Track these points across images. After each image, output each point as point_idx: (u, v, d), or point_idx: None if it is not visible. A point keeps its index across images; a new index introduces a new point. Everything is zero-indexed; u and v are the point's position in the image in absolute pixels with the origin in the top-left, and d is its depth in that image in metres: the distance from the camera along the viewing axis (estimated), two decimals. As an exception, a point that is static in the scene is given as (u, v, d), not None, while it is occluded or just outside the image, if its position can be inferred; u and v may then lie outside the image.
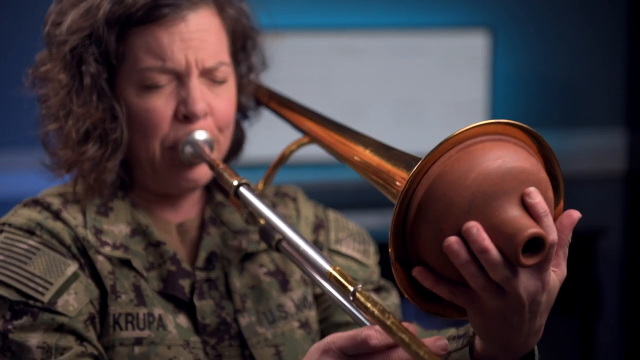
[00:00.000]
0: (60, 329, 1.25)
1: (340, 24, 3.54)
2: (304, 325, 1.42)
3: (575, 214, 1.05)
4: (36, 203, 1.35)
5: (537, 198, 1.00)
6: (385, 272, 1.50)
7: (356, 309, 1.13)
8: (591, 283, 3.49)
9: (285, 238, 1.23)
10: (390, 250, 1.05)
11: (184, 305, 1.35)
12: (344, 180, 3.29)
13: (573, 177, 3.69)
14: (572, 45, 3.76)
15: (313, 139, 1.38)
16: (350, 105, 3.47)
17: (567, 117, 3.78)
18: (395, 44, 3.52)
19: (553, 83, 3.76)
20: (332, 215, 1.52)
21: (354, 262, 1.47)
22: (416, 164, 1.02)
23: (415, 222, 1.02)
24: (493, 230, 0.99)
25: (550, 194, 1.05)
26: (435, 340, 1.06)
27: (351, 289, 1.09)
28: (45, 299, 1.26)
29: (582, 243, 3.44)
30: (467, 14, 3.66)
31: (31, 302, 1.26)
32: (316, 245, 1.47)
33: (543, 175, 1.04)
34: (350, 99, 3.48)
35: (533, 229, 0.97)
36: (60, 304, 1.26)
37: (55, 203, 1.35)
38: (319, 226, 1.49)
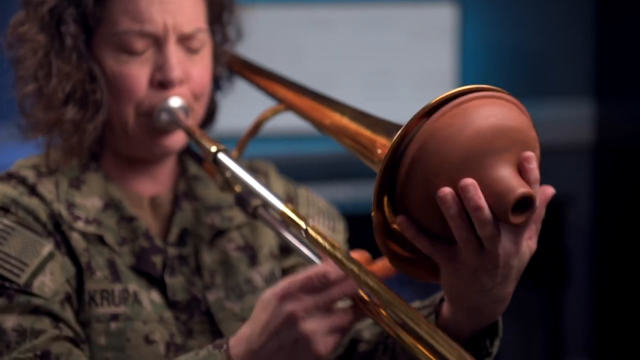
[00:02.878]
0: (36, 311, 1.25)
1: (309, -4, 3.53)
2: None
3: (549, 190, 1.06)
4: (10, 177, 1.33)
5: (533, 164, 1.02)
6: (355, 247, 1.51)
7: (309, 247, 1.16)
8: (559, 252, 3.51)
9: (265, 203, 1.22)
10: (373, 213, 1.05)
11: (156, 282, 1.35)
12: (314, 153, 3.29)
13: (542, 147, 3.69)
14: (541, 15, 3.76)
15: (288, 106, 1.38)
16: (321, 77, 3.46)
17: (536, 87, 3.79)
18: (364, 16, 3.51)
19: (521, 53, 3.77)
20: (303, 192, 1.52)
21: None
22: (397, 131, 1.02)
23: (407, 175, 1.02)
24: (485, 187, 1.00)
25: (537, 152, 1.07)
26: (383, 264, 1.12)
27: (303, 225, 1.15)
28: (21, 280, 1.25)
29: (550, 213, 3.41)
30: (436, -15, 3.65)
31: (7, 283, 1.25)
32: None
33: (532, 133, 1.06)
34: (320, 71, 3.47)
35: (524, 189, 0.99)
36: (36, 285, 1.25)
37: (30, 176, 1.33)
38: (288, 202, 1.49)
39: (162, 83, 1.33)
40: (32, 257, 1.27)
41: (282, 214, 1.20)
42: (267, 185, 1.26)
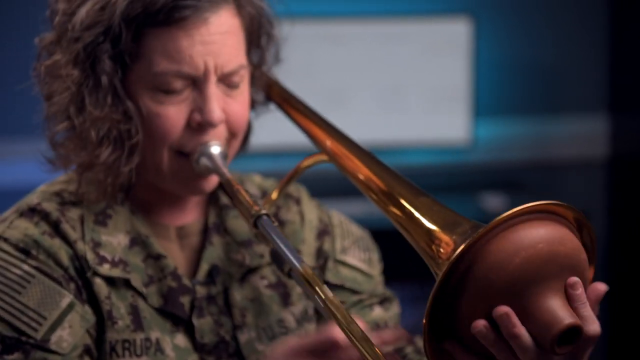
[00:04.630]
0: None
1: (323, 12, 3.53)
2: None
3: (602, 287, 1.07)
4: (33, 212, 1.28)
5: (578, 290, 1.02)
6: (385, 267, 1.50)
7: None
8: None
9: (294, 270, 1.20)
10: (424, 322, 1.04)
11: (183, 323, 1.32)
12: (330, 168, 3.28)
13: (556, 163, 3.69)
14: (555, 31, 3.76)
15: (332, 159, 1.33)
16: (334, 92, 3.46)
17: (550, 103, 3.78)
18: (378, 31, 3.51)
19: (536, 69, 3.76)
20: (336, 218, 1.48)
21: (359, 274, 1.44)
22: (472, 234, 1.01)
23: (454, 294, 1.02)
24: (529, 315, 1.00)
25: (587, 274, 1.06)
26: (393, 332, 1.17)
27: (253, 213, 1.23)
28: (39, 335, 1.21)
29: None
30: (449, 1, 3.65)
31: (24, 338, 1.21)
32: (321, 253, 1.44)
33: (583, 256, 1.05)
34: (333, 86, 3.47)
35: (569, 320, 0.99)
36: (53, 340, 1.22)
37: (53, 210, 1.29)
38: (324, 232, 1.45)
39: (201, 124, 1.27)
40: (51, 309, 1.23)
41: (276, 246, 1.21)
42: (299, 257, 1.21)
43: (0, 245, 1.26)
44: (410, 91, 3.54)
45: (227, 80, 1.29)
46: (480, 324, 1.01)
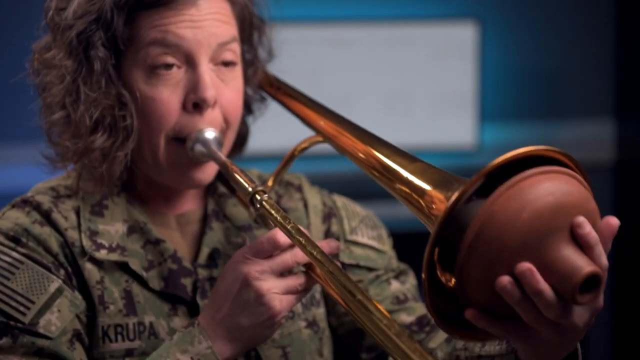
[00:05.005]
0: (40, 353, 1.22)
1: (329, 16, 3.53)
2: (311, 324, 1.40)
3: (614, 222, 1.06)
4: (25, 203, 1.31)
5: (586, 228, 1.00)
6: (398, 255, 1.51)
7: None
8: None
9: (302, 249, 1.20)
10: (427, 300, 1.03)
11: (184, 305, 1.33)
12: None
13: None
14: (561, 35, 3.76)
15: (326, 139, 1.34)
16: (339, 96, 3.47)
17: (556, 107, 3.78)
18: (383, 35, 3.51)
19: (541, 74, 3.76)
20: (339, 201, 1.50)
21: (372, 251, 1.45)
22: (456, 183, 1.00)
23: (465, 262, 1.00)
24: (546, 269, 0.98)
25: (599, 222, 1.04)
26: (328, 242, 1.21)
27: (258, 198, 1.24)
28: (27, 319, 1.23)
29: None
30: (455, 5, 3.66)
31: (12, 322, 1.22)
32: (330, 235, 1.45)
33: (592, 205, 1.03)
34: (339, 90, 3.48)
35: (588, 268, 0.97)
36: (42, 324, 1.23)
37: (46, 201, 1.30)
38: (329, 215, 1.47)
39: (196, 104, 1.29)
40: (39, 294, 1.24)
41: (274, 219, 1.22)
42: (302, 231, 1.21)
43: None
44: (417, 95, 3.55)
45: (221, 57, 1.31)
46: (505, 280, 0.98)
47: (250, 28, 1.40)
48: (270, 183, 1.36)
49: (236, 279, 1.18)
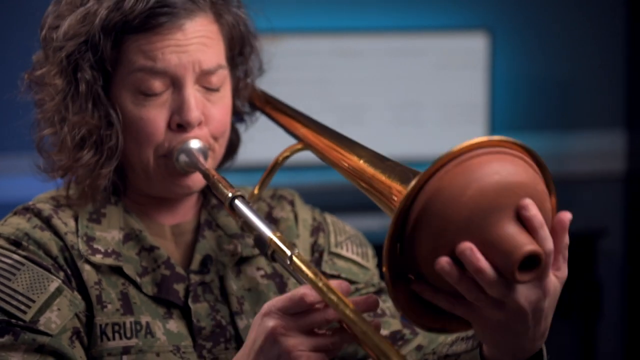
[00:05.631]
0: (41, 349, 1.25)
1: (339, 26, 3.54)
2: None
3: (566, 216, 1.04)
4: (27, 210, 1.35)
5: (532, 210, 1.00)
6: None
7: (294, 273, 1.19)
8: (592, 284, 3.49)
9: (277, 252, 1.21)
10: (385, 269, 1.04)
11: (178, 310, 1.35)
12: (342, 182, 3.29)
13: (573, 178, 3.68)
14: (571, 46, 3.76)
15: (306, 146, 1.37)
16: (349, 107, 3.47)
17: (567, 118, 3.78)
18: (394, 46, 3.52)
19: (552, 84, 3.76)
20: (329, 218, 1.52)
21: (355, 265, 1.47)
22: (414, 177, 1.01)
23: (412, 236, 1.02)
24: (489, 246, 0.99)
25: (548, 204, 1.04)
26: (366, 299, 1.15)
27: (288, 253, 1.17)
28: (27, 317, 1.25)
29: (582, 244, 3.43)
30: (466, 16, 3.66)
31: (13, 320, 1.25)
32: (315, 247, 1.47)
33: (541, 187, 1.04)
34: (349, 101, 3.48)
35: (528, 246, 0.98)
36: (42, 322, 1.25)
37: (46, 209, 1.34)
38: (318, 229, 1.49)
39: (180, 125, 1.33)
40: (39, 293, 1.27)
41: (271, 240, 1.21)
42: (281, 237, 1.23)
43: None
44: (427, 106, 3.55)
45: (206, 82, 1.34)
46: (443, 260, 0.99)
47: (240, 45, 1.43)
48: (255, 191, 1.38)
49: (263, 332, 1.15)
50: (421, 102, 3.55)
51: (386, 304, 1.45)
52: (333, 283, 1.14)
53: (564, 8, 3.75)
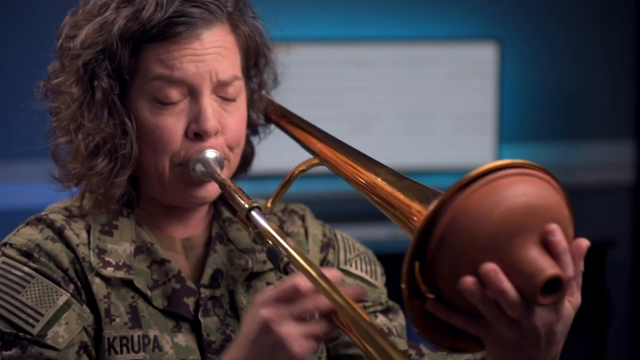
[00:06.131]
0: None
1: (349, 36, 3.55)
2: None
3: (584, 243, 1.06)
4: (39, 220, 1.35)
5: (558, 236, 1.01)
6: (394, 286, 1.51)
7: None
8: (601, 295, 3.48)
9: (293, 263, 1.23)
10: (403, 286, 1.05)
11: (187, 323, 1.35)
12: (350, 191, 3.29)
13: (582, 188, 3.68)
14: (581, 57, 3.76)
15: (322, 161, 1.38)
16: (360, 115, 3.48)
17: (576, 128, 3.78)
18: (404, 56, 3.53)
19: (561, 95, 3.76)
20: (339, 235, 1.52)
21: (363, 282, 1.47)
22: (434, 197, 1.02)
23: (435, 252, 1.02)
24: (512, 268, 1.00)
25: (571, 230, 1.05)
26: (354, 288, 1.18)
27: (253, 214, 1.26)
28: (35, 330, 1.26)
29: (591, 254, 3.41)
30: (475, 26, 3.67)
31: (21, 334, 1.26)
32: (325, 264, 1.47)
33: (565, 212, 1.05)
34: (359, 110, 3.49)
35: (552, 270, 0.99)
36: (50, 335, 1.26)
37: (59, 219, 1.34)
38: (328, 245, 1.49)
39: (197, 134, 1.33)
40: (47, 306, 1.28)
41: (267, 232, 1.24)
42: (296, 247, 1.25)
43: (6, 250, 1.32)
44: (436, 116, 3.55)
45: (222, 92, 1.35)
46: (469, 280, 1.00)
47: (256, 56, 1.43)
48: (269, 204, 1.38)
49: (256, 322, 1.18)
50: (431, 111, 3.55)
51: (393, 323, 1.45)
52: (346, 289, 1.16)
53: (573, 18, 3.75)
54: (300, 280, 1.16)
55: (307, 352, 1.17)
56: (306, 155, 1.42)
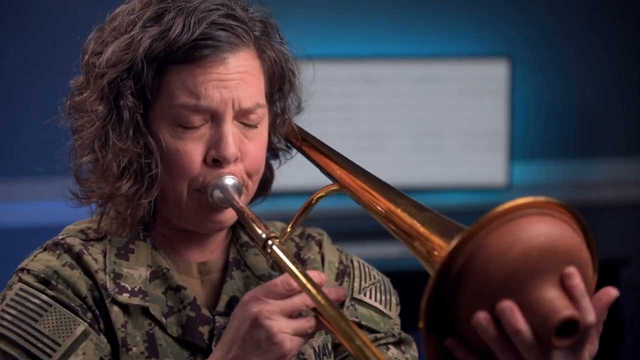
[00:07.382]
0: None
1: (361, 53, 3.55)
2: None
3: (613, 292, 1.04)
4: (57, 245, 1.33)
5: (576, 280, 1.00)
6: (405, 309, 1.51)
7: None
8: (614, 313, 3.45)
9: (308, 294, 1.22)
10: (421, 325, 1.04)
11: (202, 352, 1.34)
12: (361, 208, 3.29)
13: (594, 206, 3.67)
14: (592, 74, 3.76)
15: (342, 187, 1.36)
16: (370, 133, 3.48)
17: (588, 146, 3.77)
18: (415, 73, 3.53)
19: (573, 112, 3.75)
20: (356, 261, 1.50)
21: (376, 313, 1.45)
22: (457, 233, 1.01)
23: (452, 291, 1.01)
24: (528, 309, 0.99)
25: (590, 273, 1.04)
26: (337, 289, 1.24)
27: (269, 243, 1.27)
28: None
29: (604, 272, 3.40)
30: (486, 43, 3.67)
31: None
32: None
33: (585, 254, 1.03)
34: (370, 127, 3.49)
35: (567, 311, 0.97)
36: None
37: (77, 244, 1.33)
38: (343, 272, 1.47)
39: (216, 160, 1.31)
40: (65, 336, 1.27)
41: (283, 264, 1.25)
42: (310, 278, 1.24)
43: (23, 277, 1.31)
44: (448, 133, 3.55)
45: (244, 119, 1.33)
46: (481, 316, 0.99)
47: (280, 82, 1.41)
48: (288, 230, 1.37)
49: (247, 318, 1.18)
50: (442, 128, 3.55)
51: (405, 356, 1.44)
52: (328, 289, 1.21)
53: (584, 35, 3.75)
54: (289, 278, 1.18)
55: (297, 347, 1.20)
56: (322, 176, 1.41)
